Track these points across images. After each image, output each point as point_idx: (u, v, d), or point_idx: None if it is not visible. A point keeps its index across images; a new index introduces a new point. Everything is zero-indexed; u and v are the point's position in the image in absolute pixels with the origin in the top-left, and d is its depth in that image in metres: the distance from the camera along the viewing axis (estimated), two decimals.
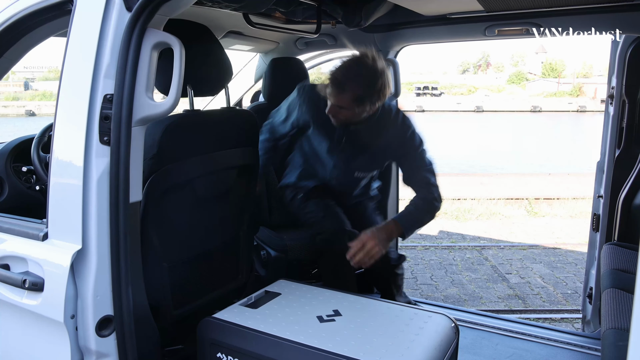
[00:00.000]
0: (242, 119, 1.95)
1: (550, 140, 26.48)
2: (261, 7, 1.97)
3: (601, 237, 2.60)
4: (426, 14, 2.50)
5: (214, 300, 1.88)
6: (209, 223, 1.86)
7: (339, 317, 1.61)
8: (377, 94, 2.00)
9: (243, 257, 2.03)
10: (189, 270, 1.78)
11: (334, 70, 2.03)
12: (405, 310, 1.70)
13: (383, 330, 1.54)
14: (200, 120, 1.74)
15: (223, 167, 1.84)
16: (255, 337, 1.49)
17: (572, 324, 3.45)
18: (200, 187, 1.75)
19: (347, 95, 1.98)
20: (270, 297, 1.75)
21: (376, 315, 1.65)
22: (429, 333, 1.55)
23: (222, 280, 1.98)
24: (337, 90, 1.99)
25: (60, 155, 1.36)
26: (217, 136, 1.80)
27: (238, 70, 3.41)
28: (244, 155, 1.91)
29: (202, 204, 1.78)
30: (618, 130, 2.53)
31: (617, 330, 1.61)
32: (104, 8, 1.31)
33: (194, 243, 1.79)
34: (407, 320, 1.62)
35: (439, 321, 1.63)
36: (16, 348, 1.54)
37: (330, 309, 1.66)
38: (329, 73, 2.03)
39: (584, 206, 7.06)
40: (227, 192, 1.90)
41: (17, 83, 59.58)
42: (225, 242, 1.96)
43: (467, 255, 5.04)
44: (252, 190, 2.03)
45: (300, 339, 1.45)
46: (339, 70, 2.01)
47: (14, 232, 1.48)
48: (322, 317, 1.60)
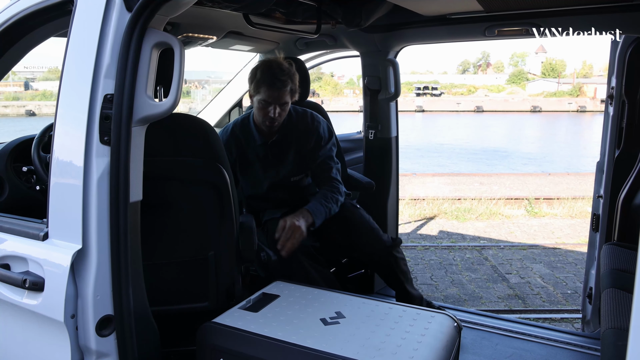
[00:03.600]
0: (196, 129, 1.83)
1: (551, 140, 26.47)
2: (261, 7, 1.97)
3: (601, 237, 2.60)
4: (426, 15, 2.50)
5: (172, 315, 1.79)
6: (160, 233, 1.76)
7: (343, 319, 1.59)
8: (301, 82, 2.37)
9: (213, 282, 1.85)
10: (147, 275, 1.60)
11: (264, 75, 2.22)
12: (407, 310, 1.69)
13: (389, 332, 1.52)
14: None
15: (158, 175, 1.66)
16: (259, 341, 1.46)
17: (572, 323, 3.45)
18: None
19: (286, 89, 2.24)
20: (270, 300, 1.72)
21: (379, 317, 1.63)
22: (434, 333, 1.54)
23: (183, 297, 1.85)
24: (280, 87, 2.22)
25: (60, 155, 1.36)
26: (162, 141, 1.69)
27: (238, 70, 3.41)
28: (189, 168, 1.79)
29: (144, 209, 1.56)
30: (618, 131, 2.53)
31: (617, 330, 1.61)
32: (105, 8, 1.31)
33: (147, 249, 1.59)
34: (410, 321, 1.61)
35: (442, 321, 1.62)
36: (16, 348, 1.54)
37: (333, 311, 1.64)
38: (261, 79, 2.23)
39: (584, 206, 7.06)
40: (170, 204, 1.78)
41: (18, 83, 59.60)
42: (188, 261, 1.83)
43: (467, 255, 5.04)
44: (226, 214, 1.84)
45: (308, 343, 1.42)
46: (270, 72, 2.22)
47: (14, 232, 1.49)
48: (326, 320, 1.57)
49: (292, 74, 2.27)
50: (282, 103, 2.26)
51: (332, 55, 3.34)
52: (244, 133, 2.43)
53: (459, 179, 10.17)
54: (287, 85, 2.23)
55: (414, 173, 11.13)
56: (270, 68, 2.23)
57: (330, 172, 2.44)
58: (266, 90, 2.22)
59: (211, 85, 39.03)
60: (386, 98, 3.00)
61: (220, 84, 5.35)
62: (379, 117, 3.04)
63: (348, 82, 78.38)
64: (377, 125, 3.04)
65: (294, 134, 2.43)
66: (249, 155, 2.44)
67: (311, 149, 2.45)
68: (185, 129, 1.83)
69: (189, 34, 2.47)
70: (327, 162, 2.45)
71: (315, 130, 2.45)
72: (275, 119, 2.28)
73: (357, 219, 2.45)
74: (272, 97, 2.23)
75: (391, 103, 3.05)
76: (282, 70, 2.23)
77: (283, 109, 2.28)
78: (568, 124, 39.74)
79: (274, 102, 2.24)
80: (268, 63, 2.27)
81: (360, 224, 2.43)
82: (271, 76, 2.21)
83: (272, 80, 2.21)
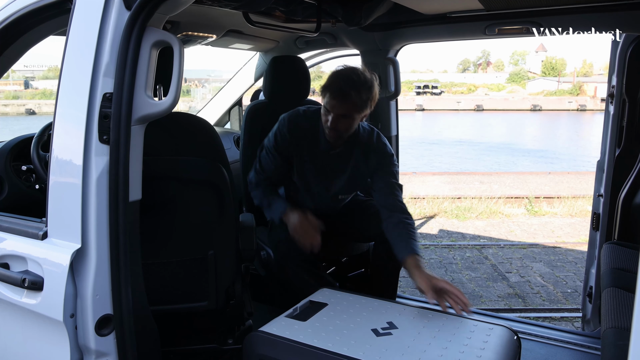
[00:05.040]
0: (196, 128, 1.82)
1: (550, 139, 26.49)
2: (261, 5, 1.97)
3: (601, 236, 2.60)
4: (426, 13, 2.50)
5: (172, 315, 1.80)
6: (159, 233, 1.75)
7: (395, 329, 1.52)
8: (372, 101, 2.12)
9: (212, 282, 1.85)
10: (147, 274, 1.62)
11: (332, 81, 2.09)
12: (464, 321, 1.61)
13: (446, 345, 1.45)
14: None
15: (158, 175, 1.67)
16: (309, 352, 1.39)
17: (572, 323, 3.45)
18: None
19: (350, 102, 2.06)
20: (318, 308, 1.65)
21: (435, 328, 1.55)
22: (494, 347, 1.46)
23: (182, 297, 1.84)
24: (341, 99, 2.06)
25: (59, 154, 1.35)
26: (162, 141, 1.69)
27: (238, 69, 3.41)
28: (188, 167, 1.78)
29: (143, 209, 1.57)
30: (618, 130, 2.53)
31: (617, 330, 1.61)
32: (104, 7, 1.31)
33: (146, 249, 1.59)
34: (468, 333, 1.53)
35: (502, 334, 1.54)
36: (15, 347, 1.54)
37: (384, 321, 1.56)
38: (328, 85, 2.10)
39: (584, 205, 7.06)
40: (169, 203, 1.77)
41: (17, 82, 59.58)
42: (188, 260, 1.82)
43: (467, 254, 5.04)
44: (226, 213, 1.84)
45: (360, 356, 1.35)
46: (338, 80, 2.08)
47: (13, 231, 1.48)
48: (378, 330, 1.50)
49: (361, 87, 2.06)
50: (342, 115, 2.09)
51: (332, 54, 3.33)
52: (312, 131, 2.27)
53: (459, 178, 10.17)
54: (350, 98, 2.05)
55: (414, 172, 11.13)
56: (340, 75, 2.10)
57: (399, 196, 2.21)
58: (329, 98, 2.09)
59: (211, 84, 39.00)
60: (386, 97, 2.99)
61: (220, 82, 5.34)
62: (379, 116, 3.04)
63: None
64: (377, 124, 3.04)
65: (357, 151, 2.27)
66: (304, 155, 2.28)
67: (372, 169, 2.26)
68: (184, 128, 1.81)
69: (188, 32, 2.46)
70: (394, 184, 2.23)
71: (381, 150, 2.26)
72: (334, 129, 2.13)
73: (369, 202, 2.42)
74: (333, 107, 2.09)
75: (391, 102, 3.05)
76: (351, 80, 2.07)
77: (345, 122, 2.12)
78: (568, 122, 39.73)
79: (334, 111, 2.10)
80: (343, 69, 2.14)
81: (373, 204, 2.35)
82: (337, 84, 2.07)
83: (337, 89, 2.07)
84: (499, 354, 1.44)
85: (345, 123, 2.12)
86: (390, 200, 2.18)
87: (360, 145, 2.26)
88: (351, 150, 2.27)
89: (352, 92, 2.05)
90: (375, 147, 2.26)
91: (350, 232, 2.46)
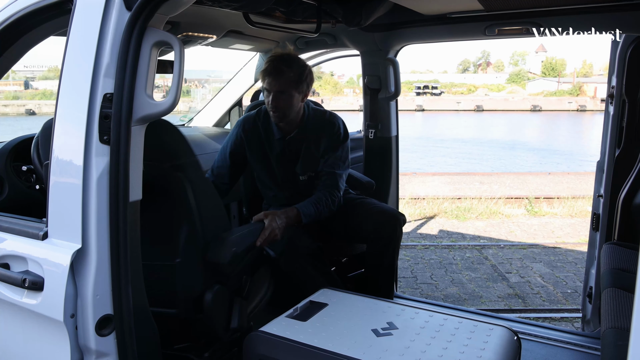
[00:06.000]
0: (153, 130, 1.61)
1: (550, 139, 26.49)
2: (261, 6, 1.97)
3: (601, 236, 2.60)
4: (426, 14, 2.50)
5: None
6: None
7: (395, 330, 1.52)
8: (307, 80, 2.31)
9: (181, 290, 1.74)
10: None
11: (267, 63, 2.27)
12: (464, 322, 1.61)
13: (446, 345, 1.45)
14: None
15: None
16: (309, 353, 1.40)
17: (572, 323, 3.45)
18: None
19: (285, 78, 2.23)
20: (318, 308, 1.65)
21: (434, 328, 1.56)
22: (494, 348, 1.46)
23: (154, 301, 1.68)
24: (275, 74, 2.23)
25: (60, 155, 1.36)
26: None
27: (238, 69, 3.41)
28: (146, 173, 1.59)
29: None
30: (618, 130, 2.53)
31: (617, 330, 1.61)
32: (104, 7, 1.31)
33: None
34: (467, 333, 1.54)
35: (502, 334, 1.55)
36: (16, 347, 1.54)
37: (384, 321, 1.57)
38: (264, 68, 2.27)
39: (584, 205, 7.06)
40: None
41: (18, 82, 59.59)
42: (158, 265, 1.71)
43: (467, 254, 5.04)
44: (187, 222, 1.72)
45: (360, 356, 1.36)
46: (270, 60, 2.27)
47: (13, 231, 1.48)
48: (378, 331, 1.51)
49: (293, 64, 2.26)
50: (278, 91, 2.25)
51: (332, 55, 3.33)
52: (264, 125, 2.43)
53: (459, 178, 10.17)
54: (283, 73, 2.23)
55: (414, 172, 11.13)
56: (273, 56, 2.28)
57: (333, 179, 2.36)
58: (266, 77, 2.25)
59: (211, 84, 38.98)
60: (386, 97, 3.00)
61: (220, 83, 5.34)
62: (379, 117, 3.04)
63: (348, 81, 78.48)
64: (377, 124, 3.04)
65: (309, 132, 2.42)
66: (266, 148, 2.43)
67: (323, 150, 2.41)
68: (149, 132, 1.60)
69: (188, 32, 2.47)
70: (333, 168, 2.37)
71: (329, 130, 2.42)
72: (275, 107, 2.27)
73: (360, 201, 2.48)
74: (270, 85, 2.25)
75: (391, 102, 3.05)
76: (282, 59, 2.25)
77: (282, 98, 2.26)
78: (568, 123, 39.72)
79: (271, 89, 2.25)
80: (274, 53, 2.32)
81: (366, 203, 2.46)
82: (270, 63, 2.25)
83: (271, 68, 2.24)
84: (499, 354, 1.44)
85: (285, 100, 2.26)
86: (323, 184, 2.36)
87: (313, 130, 2.41)
88: (304, 133, 2.41)
89: (284, 67, 2.23)
90: (327, 132, 2.42)
91: (346, 232, 2.49)
